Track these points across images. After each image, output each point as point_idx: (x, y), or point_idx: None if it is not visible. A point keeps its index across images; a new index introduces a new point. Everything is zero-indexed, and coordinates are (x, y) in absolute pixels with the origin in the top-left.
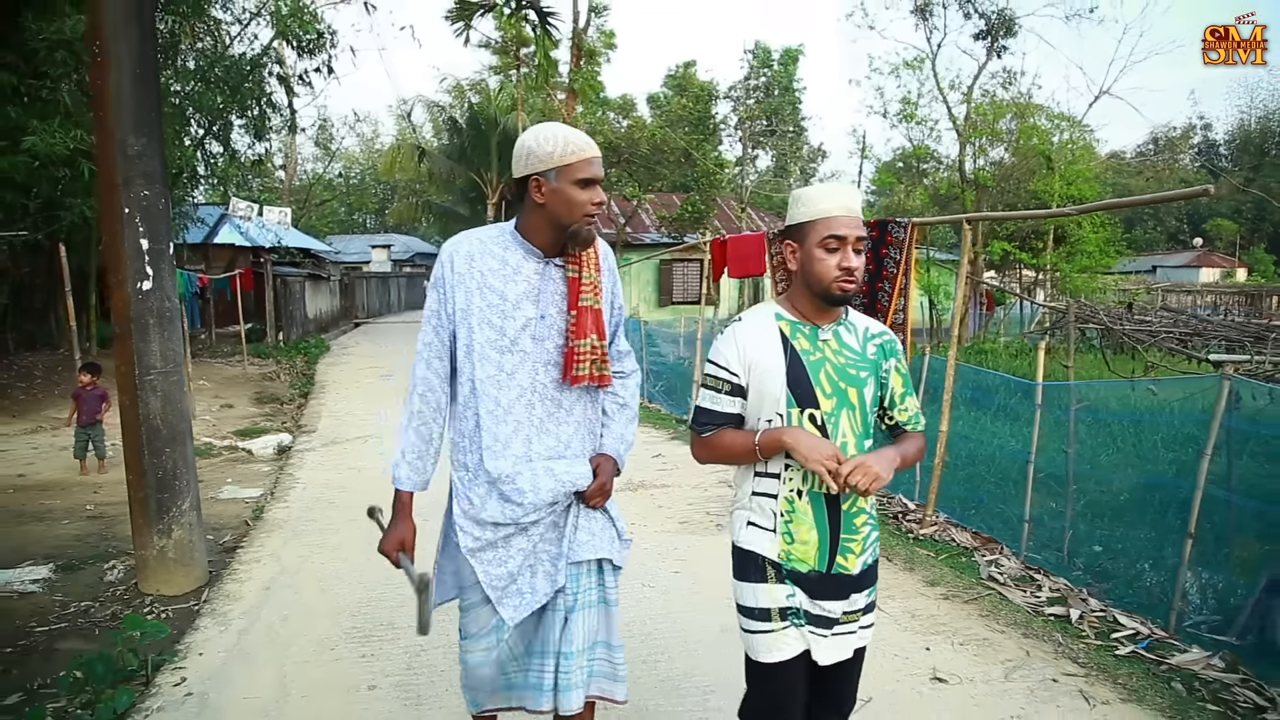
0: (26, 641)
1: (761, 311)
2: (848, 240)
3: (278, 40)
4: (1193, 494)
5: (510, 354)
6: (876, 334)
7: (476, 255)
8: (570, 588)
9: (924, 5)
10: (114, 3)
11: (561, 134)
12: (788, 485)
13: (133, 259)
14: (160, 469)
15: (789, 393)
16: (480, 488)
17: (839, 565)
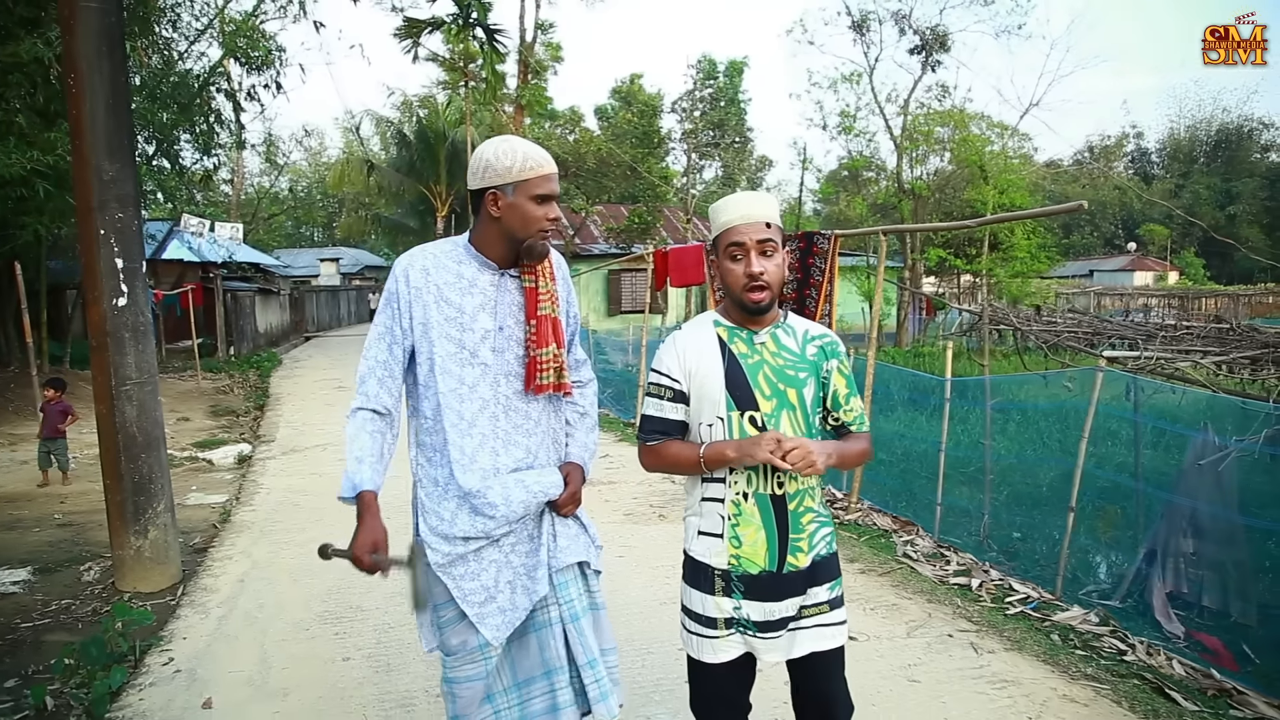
0: (14, 636)
1: (701, 320)
2: (748, 246)
3: (226, 58)
4: (1073, 472)
5: (471, 366)
6: (816, 336)
7: (432, 269)
8: (564, 595)
9: (861, 21)
10: (88, 38)
11: (521, 149)
12: (733, 489)
13: (108, 277)
14: (136, 474)
15: (728, 395)
16: (450, 502)
17: (790, 564)
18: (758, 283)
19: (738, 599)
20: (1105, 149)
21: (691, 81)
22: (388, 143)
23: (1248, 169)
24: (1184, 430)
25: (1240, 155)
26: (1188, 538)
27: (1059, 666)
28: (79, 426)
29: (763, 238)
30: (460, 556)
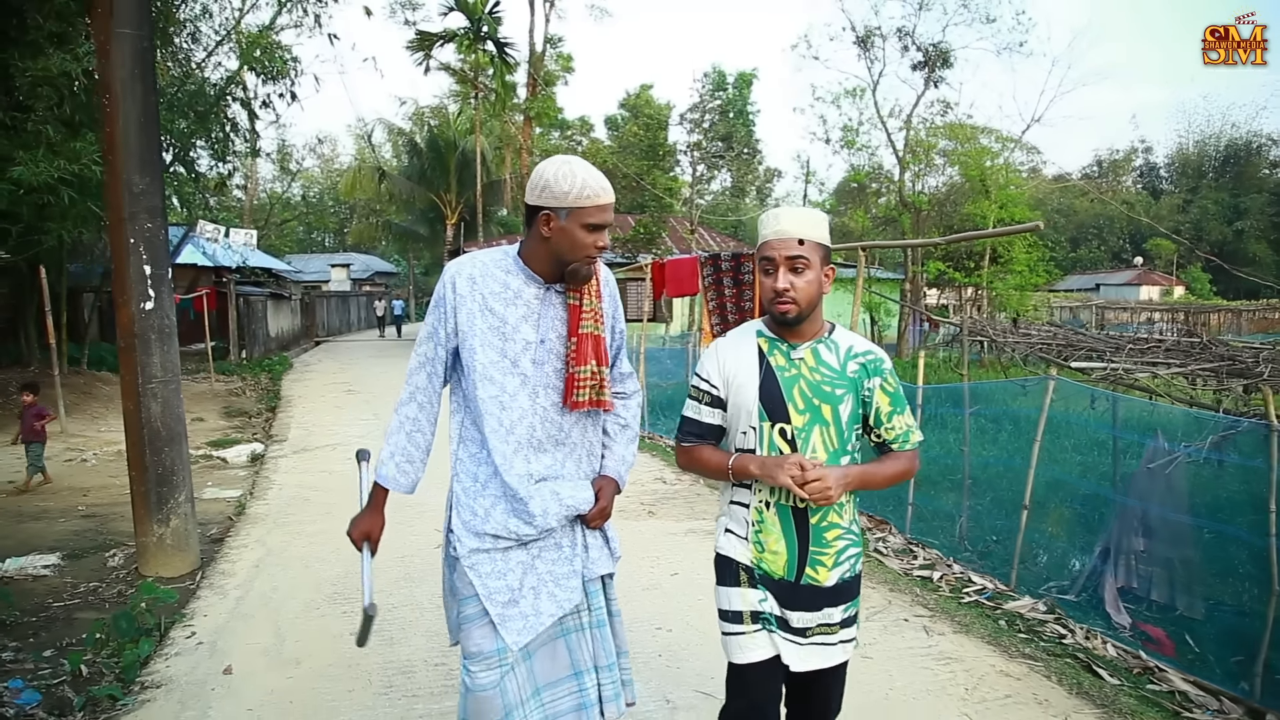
0: (48, 613)
1: (746, 328)
2: (777, 261)
3: (243, 69)
4: (1027, 472)
5: (511, 376)
6: (860, 353)
7: (479, 278)
8: (594, 604)
9: (865, 37)
10: (122, 61)
11: (581, 174)
12: (757, 496)
13: (137, 282)
14: (160, 466)
15: (760, 406)
16: (486, 499)
17: (809, 577)
18: (783, 298)
19: (763, 590)
20: (1114, 163)
21: (697, 95)
22: (399, 151)
23: (1256, 184)
24: (1136, 437)
25: (1248, 171)
26: (1139, 537)
27: (1000, 647)
28: (99, 424)
29: (793, 254)
30: (487, 552)
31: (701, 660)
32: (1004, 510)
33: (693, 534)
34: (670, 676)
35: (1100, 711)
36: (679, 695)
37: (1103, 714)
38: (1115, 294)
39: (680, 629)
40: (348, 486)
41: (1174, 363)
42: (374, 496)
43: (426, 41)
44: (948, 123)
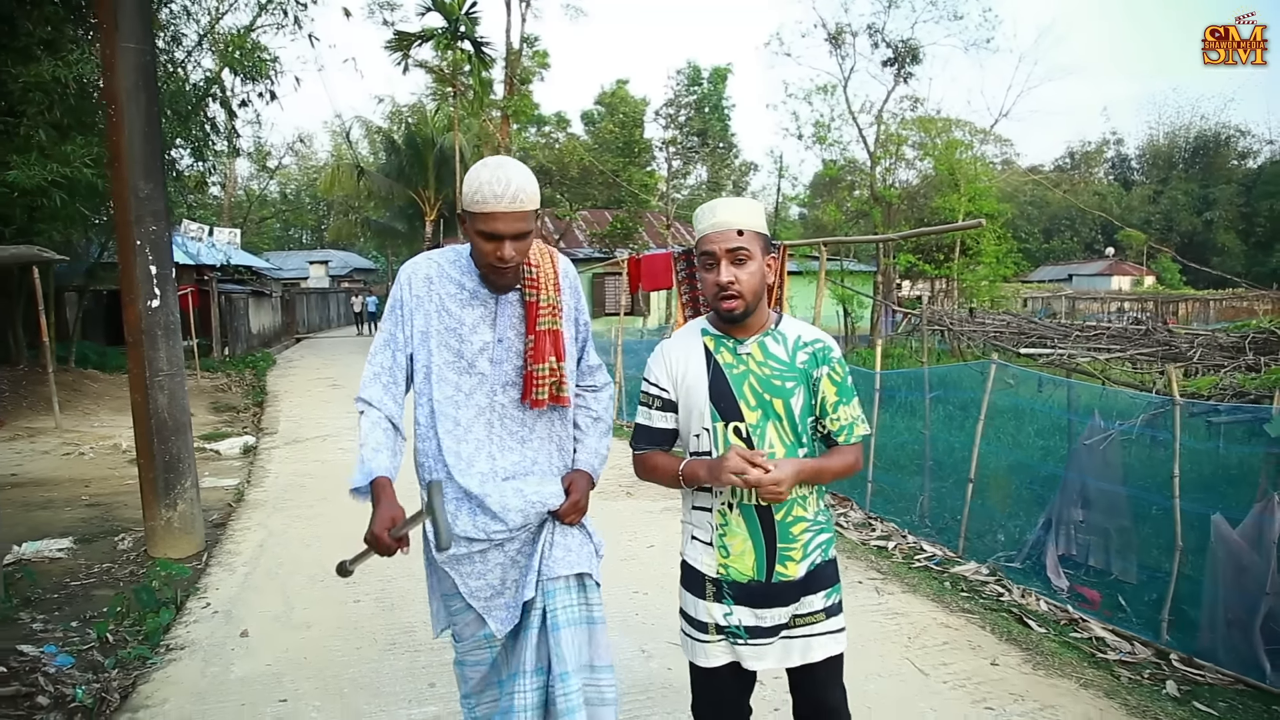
0: (68, 590)
1: (690, 328)
2: (718, 255)
3: (223, 70)
4: (971, 450)
5: (468, 375)
6: (809, 341)
7: (435, 278)
8: (550, 604)
9: (836, 34)
10: (127, 73)
11: (481, 178)
12: (720, 499)
13: (143, 282)
14: (167, 454)
15: (712, 406)
16: (450, 504)
17: (779, 574)
18: (727, 292)
19: (728, 605)
20: (1086, 155)
21: (672, 92)
22: (377, 148)
23: (1225, 175)
24: (1077, 417)
25: (1217, 162)
26: (1078, 508)
27: (943, 603)
28: (91, 420)
29: (733, 246)
30: (465, 554)
31: (674, 618)
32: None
33: (668, 511)
34: (646, 631)
35: (1025, 653)
36: (653, 646)
37: (1027, 655)
38: (1087, 284)
39: (655, 593)
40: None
41: (1115, 348)
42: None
43: (405, 41)
44: (919, 116)
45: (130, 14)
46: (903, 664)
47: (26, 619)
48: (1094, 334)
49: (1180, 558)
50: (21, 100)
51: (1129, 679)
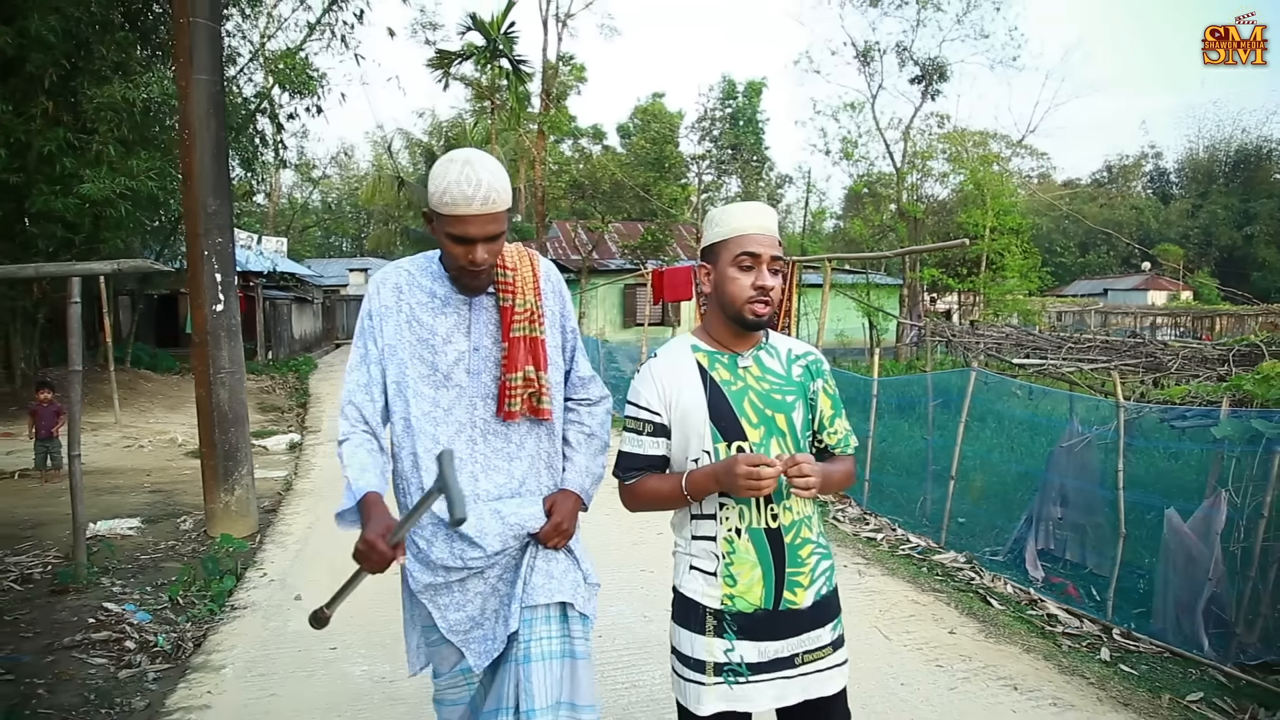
0: (138, 563)
1: (677, 345)
2: (762, 258)
3: (274, 87)
4: (950, 449)
5: (445, 389)
6: (801, 354)
7: (405, 287)
8: (523, 634)
9: (865, 51)
10: (200, 102)
11: (450, 177)
12: (725, 525)
13: (209, 288)
14: (226, 443)
15: (713, 427)
16: (425, 530)
17: (787, 601)
18: (766, 297)
19: (730, 639)
20: (1124, 169)
21: (702, 109)
22: (417, 159)
23: (1266, 189)
24: (1059, 422)
25: (1259, 176)
26: (1057, 506)
27: (917, 585)
28: (147, 416)
29: (775, 254)
30: (444, 585)
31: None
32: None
33: None
34: (648, 600)
35: (981, 625)
36: (653, 613)
37: (982, 626)
38: (1123, 299)
39: (661, 570)
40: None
41: (1100, 359)
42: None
43: (446, 60)
44: (955, 130)
45: (203, 50)
46: (871, 632)
47: (107, 584)
48: (1085, 346)
49: (1127, 546)
50: (94, 118)
51: (1069, 647)
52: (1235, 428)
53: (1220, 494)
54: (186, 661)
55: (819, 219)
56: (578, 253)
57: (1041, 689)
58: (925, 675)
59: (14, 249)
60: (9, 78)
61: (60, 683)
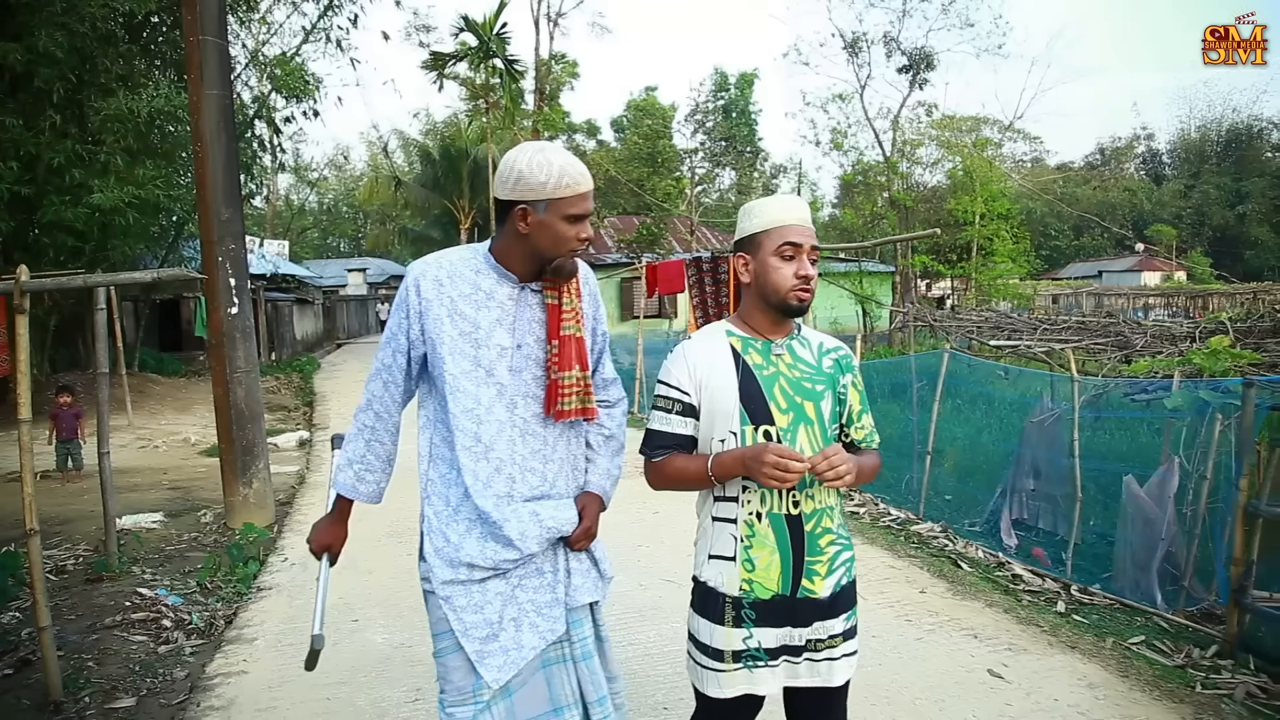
0: (164, 553)
1: (712, 329)
2: (803, 248)
3: (272, 92)
4: (928, 427)
5: (486, 386)
6: (832, 349)
7: (445, 280)
8: (575, 634)
9: (853, 42)
10: (212, 117)
11: (558, 162)
12: (746, 508)
13: (224, 292)
14: (244, 439)
15: (742, 409)
16: (460, 525)
17: (804, 589)
18: (807, 285)
19: (749, 627)
20: (1117, 150)
21: (694, 103)
22: (412, 159)
23: (1258, 168)
24: (1033, 399)
25: (1250, 155)
26: (1029, 478)
27: (894, 551)
28: (158, 418)
29: (814, 244)
30: (462, 583)
31: (666, 563)
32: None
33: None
34: (644, 572)
35: (950, 585)
36: (648, 581)
37: (950, 586)
38: (1117, 280)
39: (655, 546)
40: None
41: (1072, 339)
42: (335, 505)
43: (440, 61)
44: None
45: (213, 66)
46: None
47: (138, 572)
48: (1059, 327)
49: (1093, 510)
50: (101, 129)
51: (1029, 602)
52: (1185, 398)
53: (1174, 460)
54: (220, 636)
55: (814, 209)
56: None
57: (999, 637)
58: (895, 628)
59: (26, 258)
60: (18, 93)
61: (106, 657)
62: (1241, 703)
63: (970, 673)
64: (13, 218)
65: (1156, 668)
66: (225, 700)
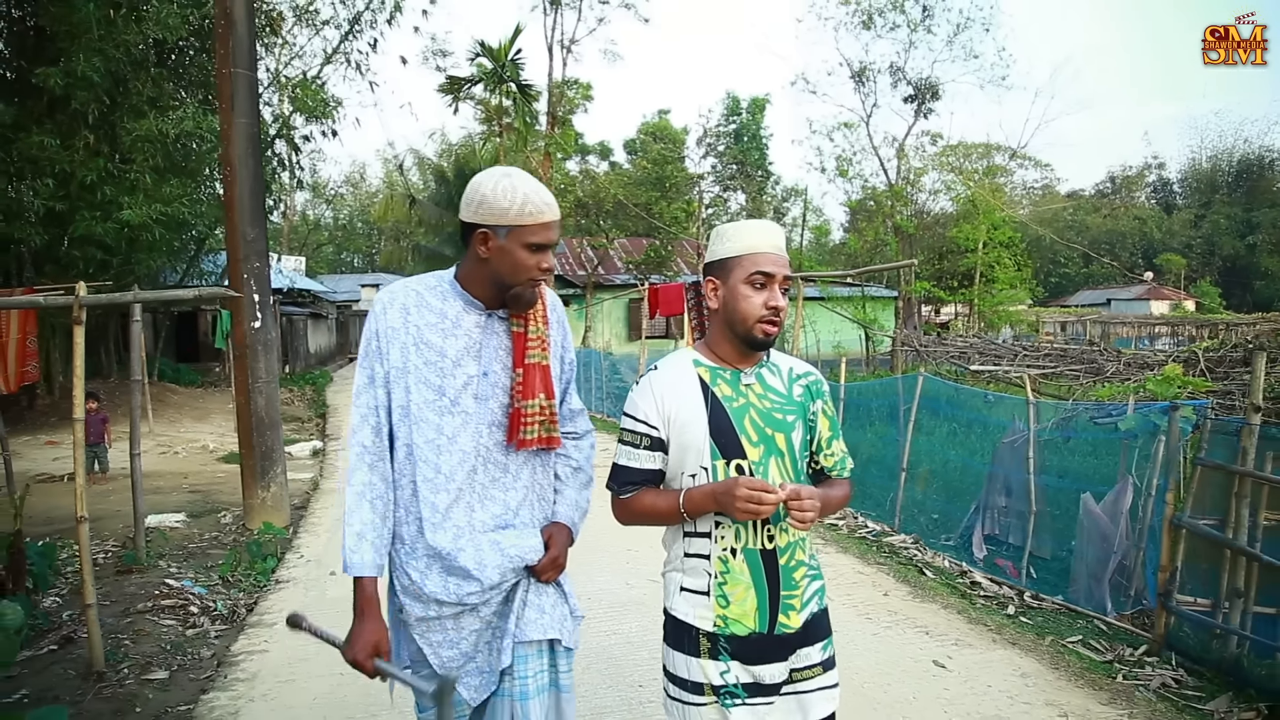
0: (187, 550)
1: (678, 359)
2: (775, 278)
3: (294, 113)
4: (904, 445)
5: (451, 415)
6: (802, 374)
7: (412, 308)
8: (519, 670)
9: (860, 71)
10: (240, 142)
11: (522, 189)
12: (720, 544)
13: (249, 307)
14: (263, 445)
15: (712, 444)
16: (419, 561)
17: (781, 625)
18: (776, 317)
19: (725, 661)
20: (1127, 179)
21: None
22: (427, 177)
23: (1269, 199)
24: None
25: (1261, 185)
26: (1001, 495)
27: (865, 560)
28: (177, 426)
29: (787, 274)
30: (436, 619)
31: (654, 564)
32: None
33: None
34: (631, 571)
35: (912, 589)
36: (634, 580)
37: (913, 590)
38: (1126, 309)
39: (644, 549)
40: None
41: (1048, 365)
42: (360, 597)
43: (456, 85)
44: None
45: (243, 96)
46: None
47: (164, 565)
48: (1038, 353)
49: (1053, 524)
50: (131, 149)
51: (981, 605)
52: (1137, 421)
53: (1128, 478)
54: (242, 622)
55: (821, 234)
56: (584, 268)
57: (949, 634)
58: (856, 625)
59: (56, 270)
60: (55, 114)
61: (140, 638)
62: (1154, 691)
63: (917, 662)
64: (46, 231)
65: (1086, 662)
66: (249, 673)
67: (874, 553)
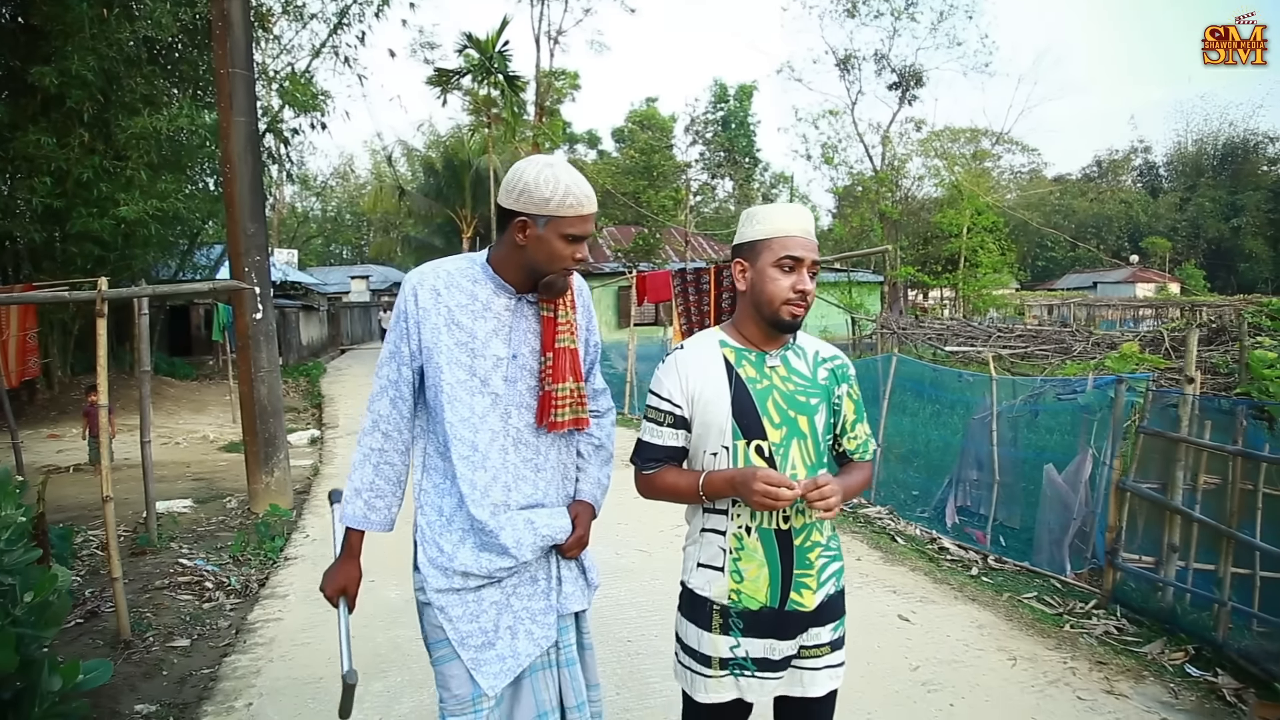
0: (196, 533)
1: (705, 339)
2: (804, 262)
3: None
4: (880, 421)
5: (481, 395)
6: (828, 358)
7: (443, 289)
8: (561, 641)
9: (845, 59)
10: (239, 140)
11: (565, 180)
12: (736, 521)
13: (249, 300)
14: (266, 432)
15: (734, 424)
16: (453, 534)
17: (793, 602)
18: (803, 300)
19: (736, 636)
20: (1113, 163)
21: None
22: (416, 169)
23: (1253, 181)
24: (978, 399)
25: (1246, 168)
26: (972, 469)
27: (840, 529)
28: (176, 418)
29: (815, 259)
30: (457, 592)
31: (643, 536)
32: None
33: None
34: (621, 542)
35: (883, 555)
36: (623, 549)
37: (884, 556)
38: (1112, 291)
39: (631, 524)
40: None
41: (1019, 345)
42: (346, 542)
43: (444, 77)
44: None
45: (241, 95)
46: None
47: (176, 547)
48: (1010, 335)
49: (1020, 494)
50: (126, 146)
51: (947, 567)
52: (1095, 397)
53: (1088, 450)
54: (256, 595)
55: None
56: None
57: (914, 592)
58: None
59: (53, 267)
60: (50, 112)
61: (160, 611)
62: (1097, 638)
63: (883, 617)
64: (43, 229)
65: (1039, 614)
66: (266, 639)
67: (850, 523)
